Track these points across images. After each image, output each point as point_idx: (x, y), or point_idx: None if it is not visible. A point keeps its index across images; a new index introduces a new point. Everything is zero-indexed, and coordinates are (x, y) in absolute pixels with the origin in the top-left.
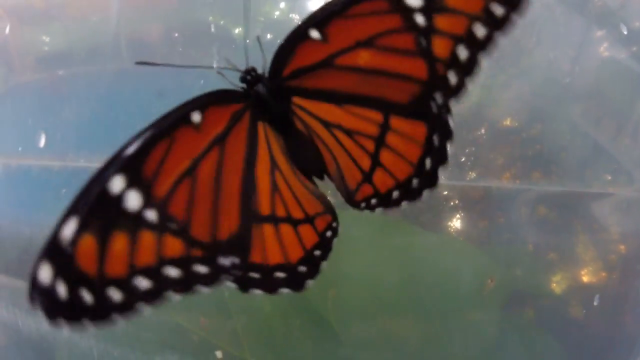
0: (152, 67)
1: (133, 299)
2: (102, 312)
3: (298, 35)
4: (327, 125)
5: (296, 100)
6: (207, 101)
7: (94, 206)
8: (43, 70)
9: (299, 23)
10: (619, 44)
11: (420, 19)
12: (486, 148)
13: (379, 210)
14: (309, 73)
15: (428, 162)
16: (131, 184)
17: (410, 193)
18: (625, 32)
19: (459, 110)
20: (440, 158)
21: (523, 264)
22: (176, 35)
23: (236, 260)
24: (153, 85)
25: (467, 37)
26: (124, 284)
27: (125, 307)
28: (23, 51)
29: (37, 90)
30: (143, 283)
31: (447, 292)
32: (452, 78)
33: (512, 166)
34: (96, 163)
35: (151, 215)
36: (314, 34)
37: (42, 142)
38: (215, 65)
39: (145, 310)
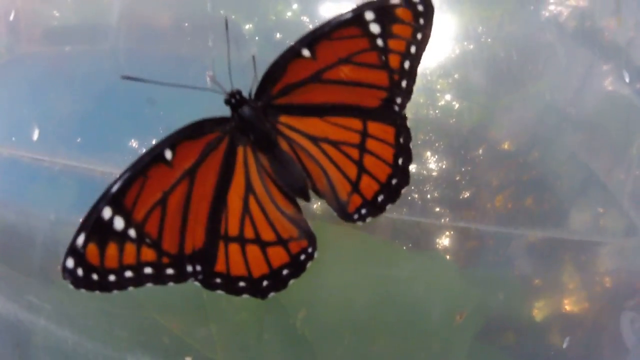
0: (154, 54)
1: (123, 282)
2: (105, 286)
3: (291, 54)
4: (314, 139)
5: (283, 118)
6: (179, 138)
7: (94, 227)
8: (49, 44)
9: (292, 44)
10: (623, 80)
11: (380, 42)
12: (482, 169)
13: (368, 220)
14: (297, 89)
15: (400, 160)
16: (116, 212)
17: (391, 194)
18: (627, 74)
19: (459, 129)
20: (408, 156)
21: (507, 288)
22: (186, 25)
23: (199, 267)
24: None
25: (407, 53)
26: (117, 273)
27: (119, 287)
28: (32, 23)
29: (37, 70)
30: (128, 274)
31: (419, 318)
32: (404, 83)
33: (505, 189)
34: (84, 163)
35: (132, 233)
36: (306, 52)
37: (35, 135)
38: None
39: (134, 288)
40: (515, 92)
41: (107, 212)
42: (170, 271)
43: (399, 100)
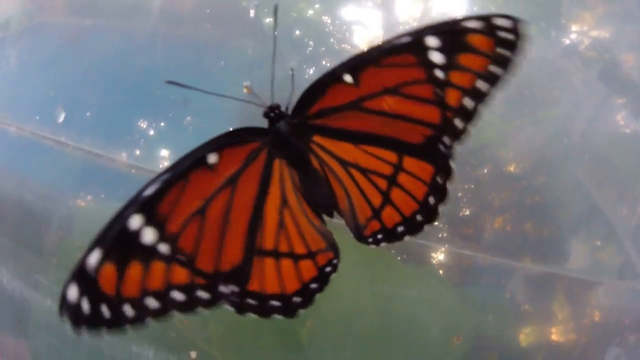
0: (182, 40)
1: (143, 315)
2: (117, 323)
3: (332, 78)
4: (344, 163)
5: (317, 138)
6: (225, 142)
7: (115, 240)
8: (70, 15)
9: (334, 67)
10: (636, 116)
11: (439, 73)
12: (485, 188)
13: (382, 245)
14: (334, 113)
15: (432, 199)
16: (147, 222)
17: (413, 227)
18: None
19: (467, 146)
20: (442, 196)
21: (497, 310)
22: (207, 11)
23: (235, 288)
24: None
25: (472, 90)
26: (136, 303)
27: (136, 321)
28: None
29: (56, 41)
30: (152, 303)
31: (417, 341)
32: (459, 124)
33: (506, 212)
34: (111, 154)
35: (163, 248)
36: (348, 78)
37: (61, 118)
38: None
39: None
40: (528, 115)
41: (136, 221)
42: (202, 294)
43: (447, 141)
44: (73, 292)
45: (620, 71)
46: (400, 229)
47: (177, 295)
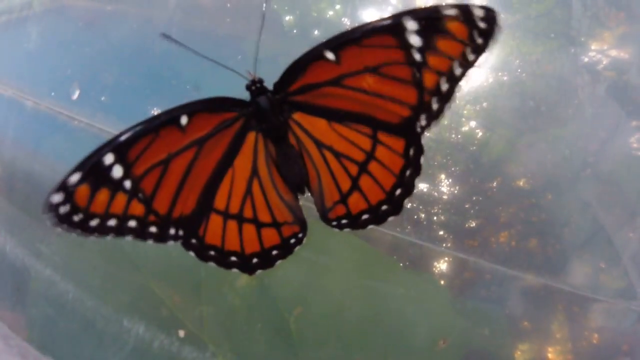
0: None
1: (104, 229)
2: (85, 228)
3: (315, 55)
4: (319, 145)
5: (296, 116)
6: (198, 108)
7: (91, 169)
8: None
9: (316, 44)
10: None
11: (417, 56)
12: (493, 202)
13: (346, 230)
14: (315, 90)
15: (398, 192)
16: (118, 160)
17: (377, 217)
18: None
19: (478, 158)
20: (408, 190)
21: (494, 325)
22: (228, 5)
23: (181, 232)
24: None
25: (448, 74)
26: (100, 219)
27: (99, 232)
28: None
29: (76, 23)
30: (112, 222)
31: (403, 340)
32: (435, 105)
33: (512, 227)
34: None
35: (127, 184)
36: (330, 55)
37: (75, 95)
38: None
39: (113, 237)
40: (541, 131)
41: (108, 158)
42: (152, 229)
43: (423, 121)
44: (57, 198)
45: (636, 93)
46: (364, 216)
47: (132, 223)
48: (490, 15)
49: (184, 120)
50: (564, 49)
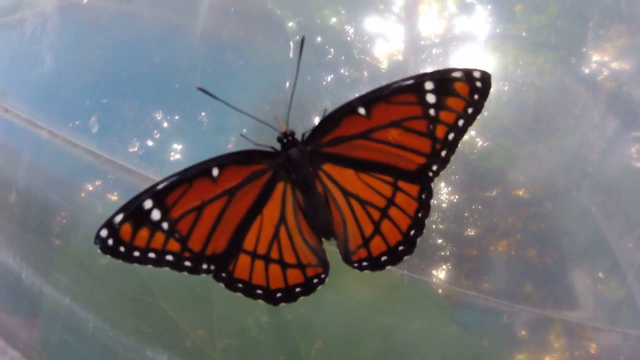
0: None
1: (145, 260)
2: (128, 258)
3: (348, 109)
4: (346, 193)
5: (326, 167)
6: (229, 161)
7: (133, 211)
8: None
9: (351, 100)
10: None
11: (432, 111)
12: (492, 211)
13: (366, 271)
14: (346, 142)
15: (413, 232)
16: (156, 205)
17: (395, 257)
18: None
19: (478, 167)
20: (420, 229)
21: (493, 335)
22: (232, 10)
23: (212, 267)
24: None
25: (454, 126)
26: (141, 251)
27: (140, 261)
28: None
29: (84, 25)
30: (151, 255)
31: None
32: (443, 153)
33: (511, 236)
34: (143, 171)
35: (165, 225)
36: (362, 110)
37: (95, 129)
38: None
39: (152, 267)
40: (542, 141)
41: (148, 203)
42: (187, 264)
43: (434, 167)
44: (104, 233)
45: (636, 104)
46: (384, 258)
47: (169, 257)
48: (484, 76)
49: (215, 172)
50: (565, 59)
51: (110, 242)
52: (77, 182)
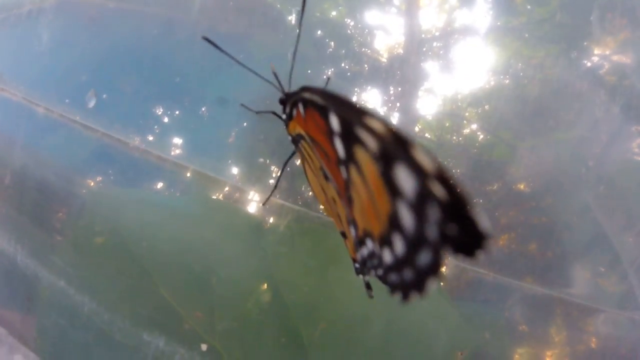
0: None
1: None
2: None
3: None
4: None
5: None
6: None
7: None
8: None
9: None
10: None
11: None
12: (493, 204)
13: None
14: None
15: None
16: None
17: None
18: None
19: (479, 161)
20: None
21: (494, 328)
22: (231, 3)
23: None
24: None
25: None
26: None
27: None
28: None
29: (84, 21)
30: None
31: (422, 350)
32: None
33: (512, 230)
34: (141, 144)
35: None
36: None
37: (92, 103)
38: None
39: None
40: (543, 135)
41: None
42: None
43: None
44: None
45: (638, 98)
46: None
47: None
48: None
49: None
50: (566, 53)
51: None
52: (74, 161)
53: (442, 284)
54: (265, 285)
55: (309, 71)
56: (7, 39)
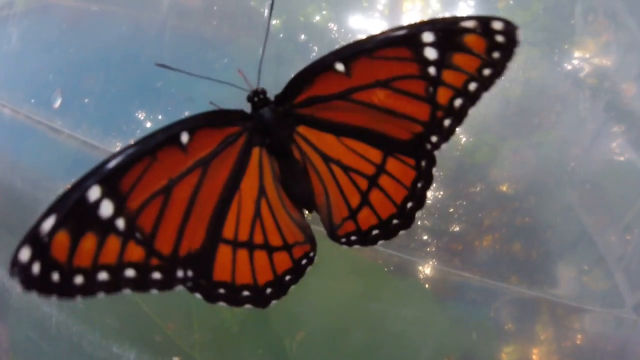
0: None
1: (94, 288)
2: (66, 290)
3: (322, 66)
4: (326, 158)
5: (301, 129)
6: (200, 123)
7: (71, 209)
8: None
9: (325, 54)
10: (631, 145)
11: (432, 70)
12: (477, 206)
13: (355, 247)
14: (322, 103)
15: (410, 204)
16: (107, 194)
17: (388, 232)
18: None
19: (462, 163)
20: (420, 202)
21: (480, 328)
22: (215, 8)
23: (190, 273)
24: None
25: (463, 91)
26: (88, 274)
27: (86, 291)
28: None
29: (61, 24)
30: (103, 276)
31: (406, 357)
32: (447, 123)
33: (496, 231)
34: (107, 146)
35: (121, 224)
36: (340, 66)
37: (57, 103)
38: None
39: (105, 295)
40: (525, 136)
41: (94, 193)
42: (157, 275)
43: (434, 139)
44: (24, 254)
45: (619, 100)
46: (375, 232)
47: (130, 273)
48: (509, 29)
49: (184, 137)
50: (548, 56)
51: (36, 268)
52: (40, 163)
53: (426, 285)
54: None
55: (293, 75)
56: None
